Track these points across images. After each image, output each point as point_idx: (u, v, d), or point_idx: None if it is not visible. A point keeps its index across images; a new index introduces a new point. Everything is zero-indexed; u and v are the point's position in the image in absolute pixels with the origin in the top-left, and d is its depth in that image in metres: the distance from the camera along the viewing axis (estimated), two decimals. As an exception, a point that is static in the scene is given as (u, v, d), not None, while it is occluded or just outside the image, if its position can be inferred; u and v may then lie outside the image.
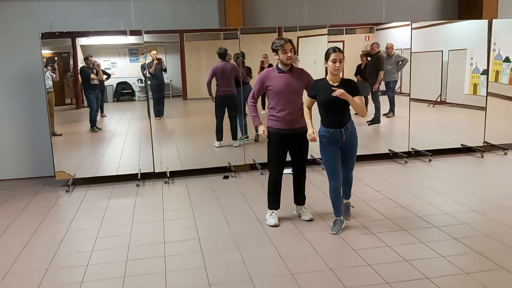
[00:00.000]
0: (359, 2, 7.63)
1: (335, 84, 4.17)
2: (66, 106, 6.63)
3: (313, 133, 4.32)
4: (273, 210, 4.76)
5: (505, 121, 7.59)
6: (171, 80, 6.81)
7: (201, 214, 5.08)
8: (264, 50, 6.81)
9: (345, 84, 4.19)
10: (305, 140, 4.56)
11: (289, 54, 4.43)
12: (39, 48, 6.16)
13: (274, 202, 4.77)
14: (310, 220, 4.74)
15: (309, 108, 4.41)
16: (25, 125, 6.88)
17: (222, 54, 6.60)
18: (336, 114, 4.20)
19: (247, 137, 6.96)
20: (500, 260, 3.71)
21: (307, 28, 6.97)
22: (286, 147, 4.64)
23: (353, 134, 4.31)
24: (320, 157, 4.44)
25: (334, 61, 4.10)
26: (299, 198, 4.86)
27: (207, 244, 4.27)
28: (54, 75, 6.37)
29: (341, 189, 4.44)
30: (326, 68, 4.24)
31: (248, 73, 6.85)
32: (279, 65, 4.55)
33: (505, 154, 7.32)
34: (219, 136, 6.85)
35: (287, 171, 6.71)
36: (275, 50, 4.50)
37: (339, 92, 4.00)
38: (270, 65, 6.84)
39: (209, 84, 6.69)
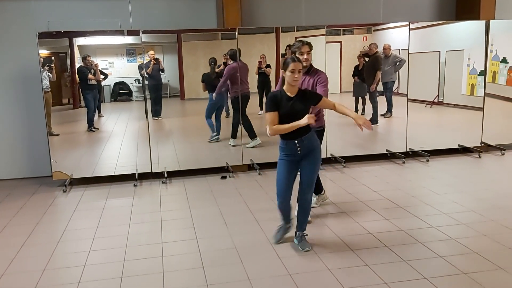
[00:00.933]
0: (357, 2, 7.64)
1: (292, 95, 3.89)
2: (63, 106, 6.62)
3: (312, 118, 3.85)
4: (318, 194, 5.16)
5: (503, 121, 7.61)
6: (168, 80, 6.80)
7: (199, 215, 5.07)
8: (262, 50, 6.81)
9: (303, 95, 3.92)
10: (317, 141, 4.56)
11: (305, 56, 4.43)
12: (36, 48, 6.15)
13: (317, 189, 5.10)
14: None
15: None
16: (22, 125, 6.86)
17: (234, 55, 6.60)
18: None
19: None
20: (498, 260, 3.71)
21: (305, 29, 6.97)
22: None
23: (311, 148, 3.95)
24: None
25: (292, 71, 3.80)
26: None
27: (205, 244, 4.26)
28: (51, 75, 6.36)
29: (288, 203, 4.08)
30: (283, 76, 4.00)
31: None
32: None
33: (503, 154, 7.34)
34: (235, 134, 6.90)
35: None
36: (293, 52, 4.51)
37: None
38: (268, 66, 6.84)
39: (221, 87, 6.71)
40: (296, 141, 3.91)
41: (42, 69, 6.25)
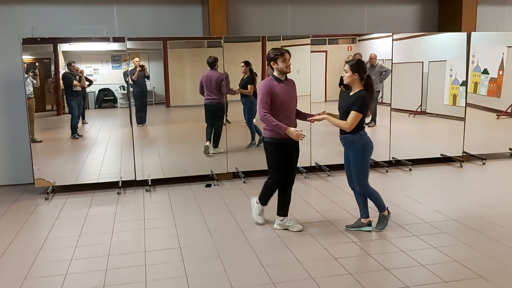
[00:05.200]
0: (342, 13, 7.73)
1: (351, 93, 4.43)
2: (47, 112, 6.54)
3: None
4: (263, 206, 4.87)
5: (483, 131, 7.74)
6: (154, 87, 6.78)
7: (183, 223, 5.05)
8: (248, 59, 6.83)
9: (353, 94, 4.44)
10: (298, 150, 4.67)
11: (289, 63, 4.48)
12: (20, 54, 6.08)
13: (268, 199, 4.84)
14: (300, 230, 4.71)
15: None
16: (4, 131, 6.76)
17: (210, 63, 6.62)
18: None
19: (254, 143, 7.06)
20: (479, 269, 3.76)
21: (291, 38, 7.03)
22: (285, 156, 4.61)
23: (350, 143, 4.47)
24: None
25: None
26: (283, 210, 4.79)
27: (188, 253, 4.25)
28: (35, 81, 6.29)
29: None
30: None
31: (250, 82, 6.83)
32: (277, 75, 4.51)
33: (483, 164, 7.46)
34: (213, 143, 6.85)
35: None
36: (273, 59, 4.47)
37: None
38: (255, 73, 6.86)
39: (200, 93, 6.73)
40: (340, 136, 4.55)
41: (25, 75, 6.18)
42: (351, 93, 4.44)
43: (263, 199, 4.84)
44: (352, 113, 4.32)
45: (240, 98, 6.90)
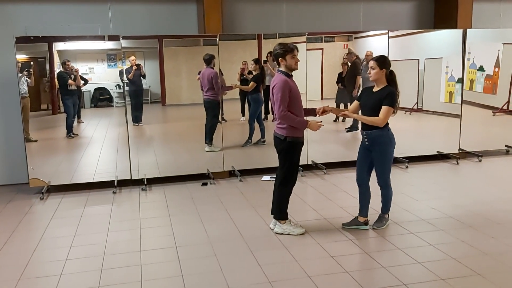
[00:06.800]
0: (338, 10, 7.71)
1: (376, 90, 4.45)
2: (42, 111, 6.51)
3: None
4: (290, 219, 4.64)
5: (479, 128, 7.74)
6: (149, 86, 6.75)
7: (179, 222, 5.03)
8: (244, 57, 6.81)
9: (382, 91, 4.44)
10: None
11: (298, 60, 4.44)
12: (14, 53, 6.04)
13: (286, 209, 4.61)
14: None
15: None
16: (-1, 131, 6.73)
17: (205, 60, 6.61)
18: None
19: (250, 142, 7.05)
20: (475, 266, 3.76)
21: (286, 36, 7.00)
22: None
23: (377, 139, 4.44)
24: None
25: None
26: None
27: (184, 252, 4.22)
28: (29, 80, 6.25)
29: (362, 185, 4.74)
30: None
31: (258, 80, 6.83)
32: (286, 71, 4.40)
33: (480, 161, 7.46)
34: (206, 140, 6.85)
35: (266, 177, 6.74)
36: (282, 55, 4.35)
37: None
38: (250, 72, 6.84)
39: (201, 89, 6.75)
40: (365, 132, 4.51)
41: (20, 74, 6.14)
42: (375, 90, 4.42)
43: (283, 213, 4.57)
44: (385, 108, 4.30)
45: (244, 94, 6.92)
